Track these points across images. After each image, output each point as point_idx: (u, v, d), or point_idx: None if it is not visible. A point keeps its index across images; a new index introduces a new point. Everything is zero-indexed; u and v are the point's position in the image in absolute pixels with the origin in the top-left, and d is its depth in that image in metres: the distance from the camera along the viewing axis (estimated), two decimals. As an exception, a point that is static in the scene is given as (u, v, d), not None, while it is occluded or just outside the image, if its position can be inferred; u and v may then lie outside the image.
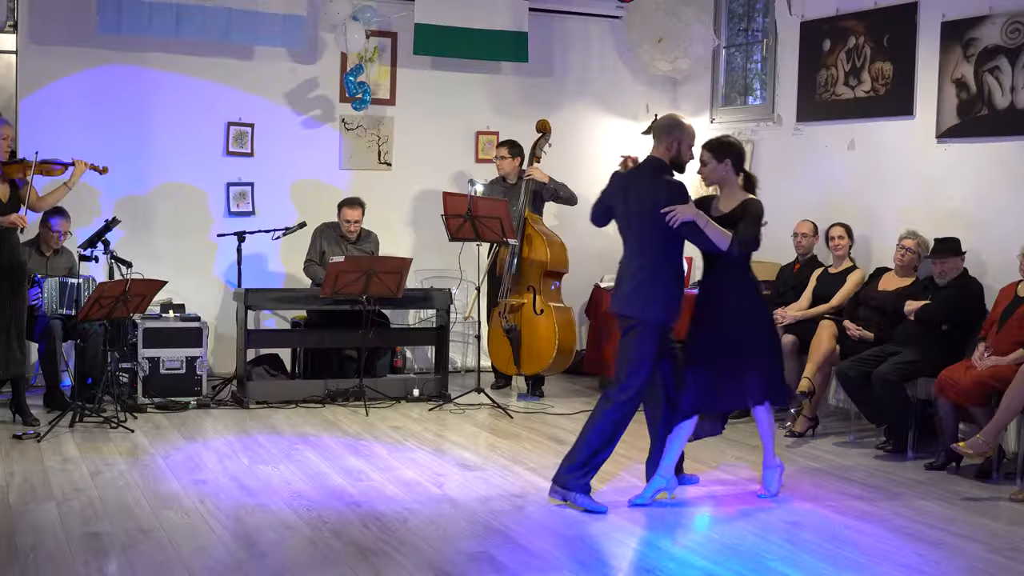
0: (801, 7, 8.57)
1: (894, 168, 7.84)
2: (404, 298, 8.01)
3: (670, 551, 4.93)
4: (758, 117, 9.09)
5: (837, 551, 4.97)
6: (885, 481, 6.23)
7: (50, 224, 7.60)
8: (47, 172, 7.16)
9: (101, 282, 7.19)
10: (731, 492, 5.93)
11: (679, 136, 5.63)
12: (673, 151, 5.63)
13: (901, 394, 6.71)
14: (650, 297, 5.50)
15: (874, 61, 7.95)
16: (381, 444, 6.80)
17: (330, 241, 8.38)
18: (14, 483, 5.70)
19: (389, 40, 9.24)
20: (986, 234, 7.17)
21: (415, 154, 9.38)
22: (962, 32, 7.30)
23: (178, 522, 5.12)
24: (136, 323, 7.66)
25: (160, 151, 8.63)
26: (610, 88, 9.96)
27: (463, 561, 4.71)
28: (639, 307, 5.51)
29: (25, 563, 4.54)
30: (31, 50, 8.28)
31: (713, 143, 5.79)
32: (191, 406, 7.66)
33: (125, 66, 8.53)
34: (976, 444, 6.03)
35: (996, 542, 5.18)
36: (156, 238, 8.67)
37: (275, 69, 8.95)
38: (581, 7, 9.79)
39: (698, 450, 6.86)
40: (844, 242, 7.69)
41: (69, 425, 6.93)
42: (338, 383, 8.05)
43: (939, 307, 6.78)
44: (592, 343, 8.94)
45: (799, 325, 7.54)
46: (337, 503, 5.51)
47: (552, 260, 8.37)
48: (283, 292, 8.38)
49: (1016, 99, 7.00)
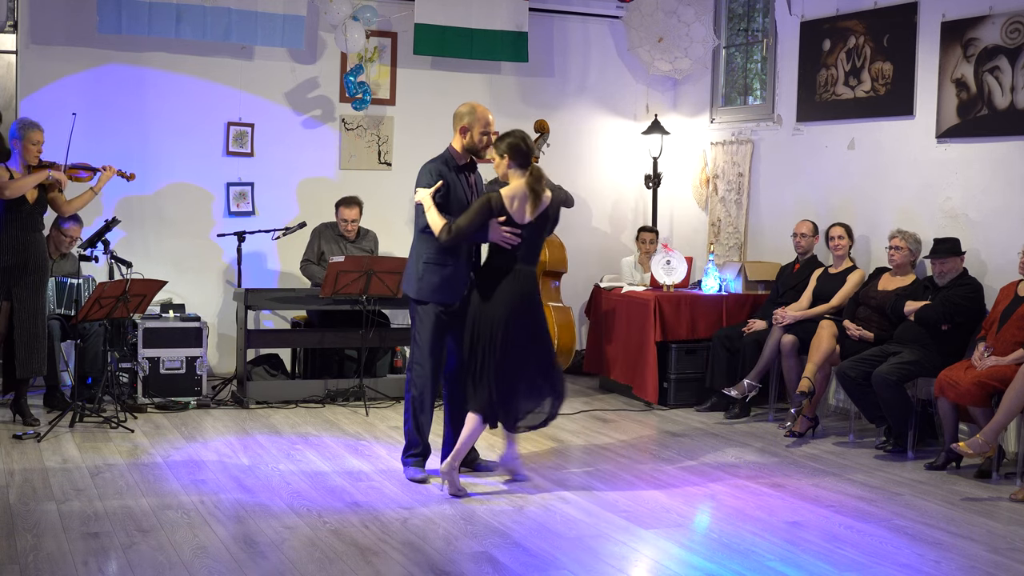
0: (801, 7, 8.57)
1: (894, 168, 7.84)
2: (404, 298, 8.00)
3: (670, 551, 4.94)
4: (758, 117, 9.10)
5: (837, 551, 4.97)
6: (885, 481, 6.23)
7: (62, 228, 7.61)
8: (75, 177, 7.17)
9: (101, 282, 7.19)
10: (731, 492, 5.93)
11: (468, 123, 5.86)
12: (466, 139, 5.88)
13: (901, 394, 6.71)
14: (408, 275, 5.98)
15: (874, 61, 7.95)
16: (381, 444, 6.80)
17: (329, 241, 8.38)
18: (14, 483, 5.71)
19: (389, 40, 9.24)
20: (986, 234, 7.17)
21: (415, 154, 9.32)
22: (962, 32, 7.30)
23: (178, 522, 5.12)
24: (136, 323, 7.66)
25: (160, 151, 8.64)
26: (610, 88, 9.96)
27: (463, 561, 4.72)
28: (404, 284, 6.07)
29: (25, 563, 4.54)
30: (31, 50, 8.29)
31: (497, 139, 5.85)
32: (191, 406, 7.66)
33: (125, 66, 8.53)
34: (976, 444, 6.03)
35: (996, 542, 5.18)
36: (156, 238, 8.67)
37: (275, 69, 8.95)
38: (581, 7, 9.79)
39: (698, 450, 6.87)
40: (844, 242, 7.70)
41: (69, 425, 6.93)
42: (338, 383, 8.06)
43: (939, 307, 6.78)
44: (592, 343, 8.94)
45: (799, 325, 7.55)
46: (337, 503, 5.51)
47: (551, 260, 8.37)
48: (283, 292, 8.37)
49: (1016, 99, 7.00)
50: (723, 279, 8.52)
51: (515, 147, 5.70)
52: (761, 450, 6.92)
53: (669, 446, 6.98)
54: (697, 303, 8.29)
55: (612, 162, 10.01)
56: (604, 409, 8.09)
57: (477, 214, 5.65)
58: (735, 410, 7.85)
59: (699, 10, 9.16)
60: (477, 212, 5.65)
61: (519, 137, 5.74)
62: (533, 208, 5.65)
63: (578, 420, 7.69)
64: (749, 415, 7.88)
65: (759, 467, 6.47)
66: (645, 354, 8.15)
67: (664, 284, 8.39)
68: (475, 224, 5.65)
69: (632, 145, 9.90)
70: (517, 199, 5.65)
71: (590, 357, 8.96)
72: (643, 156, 9.72)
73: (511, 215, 5.64)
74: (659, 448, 6.93)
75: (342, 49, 8.74)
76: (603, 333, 8.72)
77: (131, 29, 8.19)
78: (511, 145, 5.71)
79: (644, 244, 9.05)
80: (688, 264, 8.52)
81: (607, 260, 9.71)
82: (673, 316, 8.16)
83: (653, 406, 8.17)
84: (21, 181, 6.81)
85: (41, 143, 6.94)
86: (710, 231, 9.50)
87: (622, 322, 8.46)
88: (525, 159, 5.70)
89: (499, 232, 5.64)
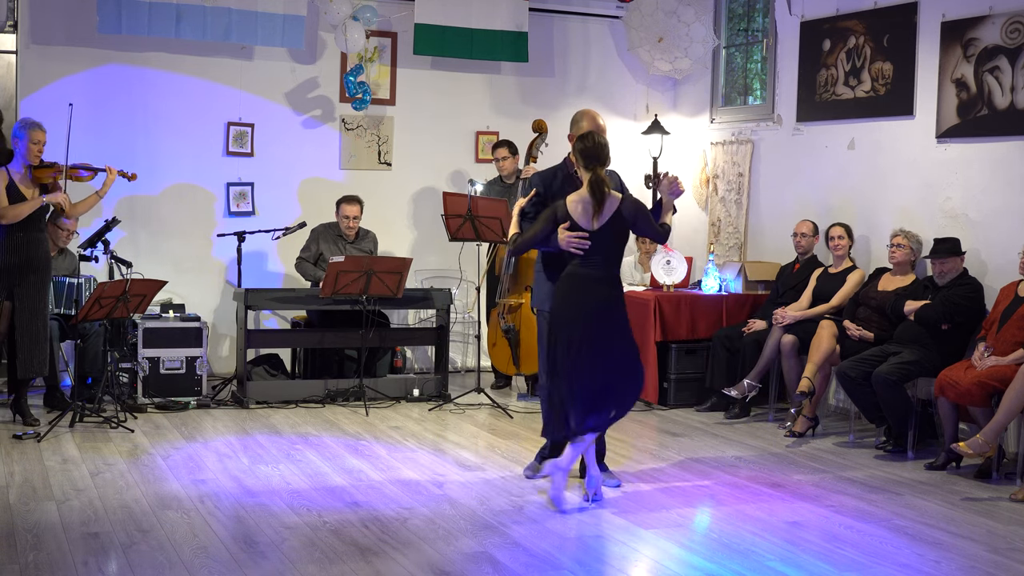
0: (801, 7, 8.57)
1: (894, 168, 7.84)
2: (404, 298, 8.02)
3: (670, 551, 4.94)
4: (758, 117, 9.09)
5: (837, 551, 4.97)
6: (885, 481, 6.23)
7: (58, 221, 7.61)
8: (76, 177, 7.16)
9: (101, 282, 7.19)
10: (731, 492, 5.93)
11: (573, 132, 5.91)
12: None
13: (901, 394, 6.71)
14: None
15: (874, 61, 7.95)
16: (381, 444, 6.80)
17: (328, 242, 8.38)
18: (14, 483, 5.71)
19: (389, 40, 9.24)
20: (986, 234, 7.17)
21: (415, 154, 9.38)
22: (962, 32, 7.30)
23: (178, 522, 5.12)
24: (136, 323, 7.66)
25: (160, 151, 8.64)
26: (610, 88, 9.96)
27: (463, 561, 4.71)
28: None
29: (25, 563, 4.53)
30: (31, 50, 8.29)
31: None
32: (191, 406, 7.66)
33: (125, 66, 8.53)
34: (976, 444, 6.03)
35: (996, 542, 5.18)
36: (156, 238, 8.67)
37: (275, 69, 8.95)
38: (581, 7, 9.79)
39: (698, 450, 6.87)
40: (844, 242, 7.70)
41: (69, 425, 6.93)
42: (338, 383, 8.06)
43: (939, 307, 6.78)
44: (592, 343, 8.93)
45: (799, 325, 7.55)
46: (337, 503, 5.51)
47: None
48: (283, 292, 8.38)
49: (1016, 99, 7.00)
50: (723, 279, 8.52)
51: (580, 150, 5.60)
52: (761, 450, 6.92)
53: (669, 446, 6.98)
54: (697, 303, 8.28)
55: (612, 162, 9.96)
56: (604, 409, 8.08)
57: (542, 222, 5.55)
58: (735, 410, 7.85)
59: (699, 10, 9.16)
60: (542, 220, 5.56)
61: (584, 139, 5.62)
62: (596, 212, 5.49)
63: (578, 420, 7.68)
64: (749, 415, 7.88)
65: (759, 467, 6.47)
66: (645, 354, 8.12)
67: (664, 284, 8.39)
68: (541, 233, 5.54)
69: (632, 145, 9.90)
70: (582, 204, 5.52)
71: (590, 357, 8.93)
72: (643, 156, 9.72)
73: (576, 221, 5.50)
74: (659, 448, 6.92)
75: (342, 49, 8.74)
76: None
77: (131, 29, 8.19)
78: (577, 149, 5.62)
79: (644, 244, 9.05)
80: (688, 264, 8.52)
81: (607, 260, 9.70)
82: (673, 316, 8.16)
83: (653, 406, 8.17)
84: (17, 208, 6.82)
85: (43, 143, 6.94)
86: (710, 231, 9.50)
87: (622, 322, 8.45)
88: (588, 162, 5.56)
89: (565, 238, 5.49)
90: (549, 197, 5.75)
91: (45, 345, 6.96)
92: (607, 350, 5.51)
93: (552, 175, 5.90)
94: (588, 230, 5.50)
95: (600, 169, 5.56)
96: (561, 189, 5.76)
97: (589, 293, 5.52)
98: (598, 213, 5.50)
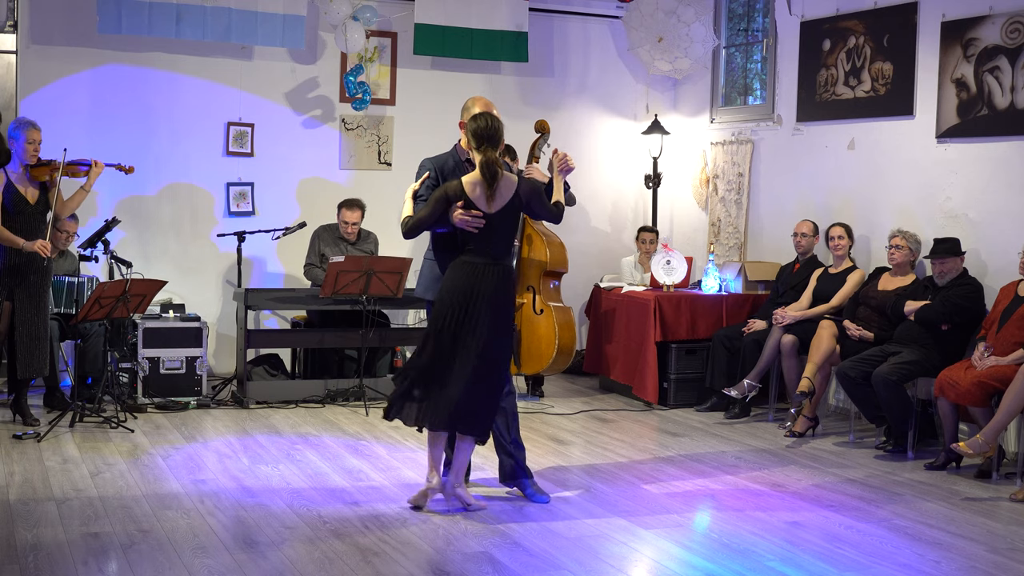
0: (801, 7, 8.57)
1: (894, 168, 7.84)
2: (404, 298, 8.01)
3: (670, 551, 4.94)
4: (758, 117, 9.09)
5: (837, 551, 4.97)
6: (885, 481, 6.23)
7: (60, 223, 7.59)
8: (74, 173, 7.15)
9: (101, 282, 7.19)
10: (731, 492, 5.93)
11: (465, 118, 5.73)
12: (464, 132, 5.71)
13: (901, 394, 6.71)
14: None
15: (874, 61, 7.95)
16: (381, 444, 6.80)
17: (328, 243, 8.37)
18: (14, 483, 5.70)
19: (389, 40, 9.24)
20: (986, 234, 7.17)
21: (415, 154, 9.29)
22: (962, 32, 7.30)
23: (178, 522, 5.12)
24: (136, 323, 7.66)
25: (160, 151, 8.64)
26: (610, 88, 9.96)
27: (463, 561, 4.72)
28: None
29: (25, 563, 4.54)
30: (31, 50, 8.28)
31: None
32: (191, 406, 7.66)
33: (125, 66, 8.53)
34: (976, 444, 6.03)
35: (996, 542, 5.18)
36: (156, 238, 8.68)
37: (275, 69, 8.95)
38: (581, 7, 9.79)
39: (698, 450, 6.87)
40: (844, 242, 7.70)
41: (69, 425, 6.93)
42: (338, 383, 8.06)
43: (939, 307, 6.78)
44: (592, 343, 8.94)
45: (799, 325, 7.55)
46: (337, 503, 5.51)
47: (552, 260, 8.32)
48: (283, 292, 8.38)
49: (1016, 99, 7.00)
50: (723, 279, 8.53)
51: (472, 131, 5.48)
52: (761, 450, 6.92)
53: (669, 446, 6.98)
54: (697, 303, 8.29)
55: (612, 162, 10.00)
56: (604, 409, 8.09)
57: (433, 202, 5.45)
58: (735, 410, 7.85)
59: (699, 10, 9.16)
60: (433, 200, 5.46)
61: (477, 119, 5.49)
62: (488, 194, 5.38)
63: (578, 420, 7.69)
64: (749, 415, 7.88)
65: (759, 467, 6.47)
66: (645, 354, 8.15)
67: (664, 284, 8.39)
68: (433, 213, 5.43)
69: (632, 145, 9.90)
70: (479, 186, 5.42)
71: (590, 357, 8.96)
72: (643, 156, 9.72)
73: (473, 201, 5.40)
74: (659, 448, 6.93)
75: (342, 49, 8.74)
76: (603, 333, 8.72)
77: (131, 29, 8.19)
78: (470, 130, 5.50)
79: (644, 244, 9.05)
80: (688, 264, 8.52)
81: (607, 260, 9.71)
82: (673, 316, 8.16)
83: (653, 406, 8.17)
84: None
85: (39, 142, 6.94)
86: (710, 231, 9.50)
87: (622, 322, 8.46)
88: (480, 143, 5.44)
89: (458, 216, 5.38)
90: (442, 181, 5.67)
91: (45, 345, 6.96)
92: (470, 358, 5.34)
93: (444, 160, 5.81)
94: (485, 212, 5.40)
95: (491, 151, 5.42)
96: (453, 174, 5.68)
97: (480, 282, 5.38)
98: (492, 196, 5.39)
